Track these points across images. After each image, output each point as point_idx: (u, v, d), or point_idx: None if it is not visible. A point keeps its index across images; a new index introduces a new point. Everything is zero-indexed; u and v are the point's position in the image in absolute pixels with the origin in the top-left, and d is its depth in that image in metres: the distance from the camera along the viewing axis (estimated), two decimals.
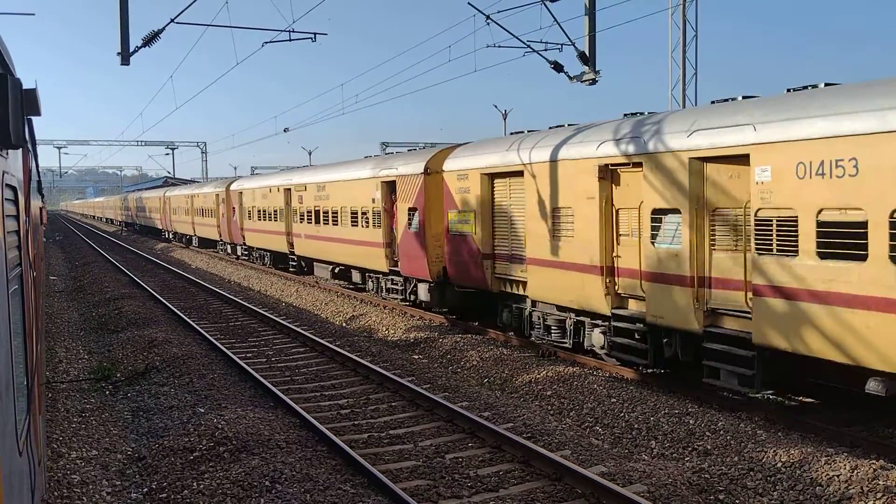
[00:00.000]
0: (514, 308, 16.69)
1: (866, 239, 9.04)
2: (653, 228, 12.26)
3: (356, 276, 25.10)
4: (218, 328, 19.46)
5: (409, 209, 19.83)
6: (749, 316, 10.73)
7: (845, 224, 9.30)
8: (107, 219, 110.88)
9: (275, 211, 32.44)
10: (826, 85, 10.56)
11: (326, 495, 8.14)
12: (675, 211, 11.77)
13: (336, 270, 26.73)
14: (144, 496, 8.76)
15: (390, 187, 21.45)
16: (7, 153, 3.56)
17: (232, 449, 9.63)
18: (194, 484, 8.67)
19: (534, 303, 15.91)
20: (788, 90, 11.08)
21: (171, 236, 58.96)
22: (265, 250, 35.55)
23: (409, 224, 19.82)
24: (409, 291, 20.93)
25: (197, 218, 48.13)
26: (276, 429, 10.44)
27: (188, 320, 20.00)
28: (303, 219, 28.80)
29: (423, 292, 19.84)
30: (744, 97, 11.67)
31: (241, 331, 19.12)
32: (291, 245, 30.99)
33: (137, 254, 45.53)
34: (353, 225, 23.99)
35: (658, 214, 12.15)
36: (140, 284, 28.50)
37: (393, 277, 21.98)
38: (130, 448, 10.55)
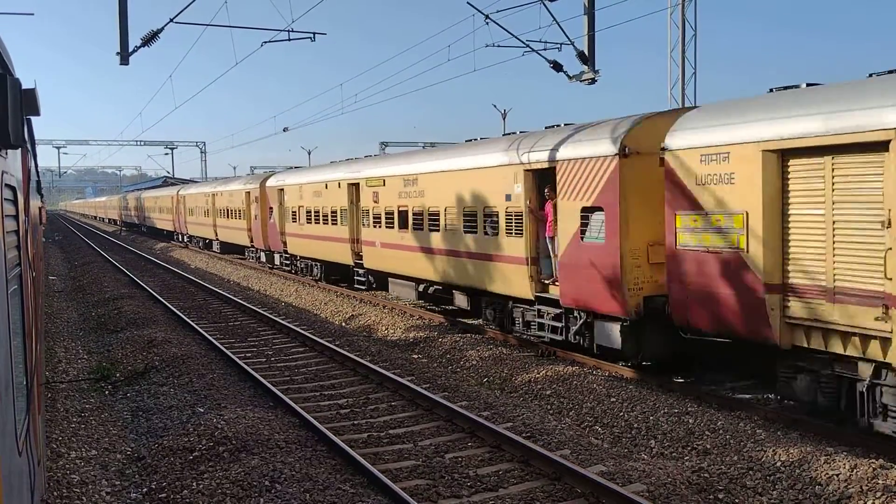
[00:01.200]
0: (836, 381, 10.07)
1: None
2: None
3: (461, 300, 18.81)
4: (217, 328, 19.45)
5: (585, 209, 13.83)
6: None
7: None
8: (109, 219, 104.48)
9: (333, 212, 25.87)
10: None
11: (326, 495, 8.14)
12: None
13: (427, 290, 20.39)
14: (144, 496, 8.76)
15: (541, 177, 15.38)
16: (6, 153, 3.56)
17: (231, 449, 9.63)
18: (194, 484, 8.67)
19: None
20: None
21: (185, 240, 52.52)
22: (315, 260, 28.65)
23: (584, 231, 13.84)
24: (574, 330, 14.56)
25: (220, 220, 42.03)
26: (275, 428, 10.44)
27: (188, 320, 20.00)
28: (377, 222, 22.29)
29: (607, 333, 13.61)
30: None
31: (241, 330, 19.12)
32: (358, 255, 24.37)
33: (137, 254, 45.51)
34: (467, 231, 17.55)
35: None
36: (139, 284, 28.49)
37: (543, 308, 15.46)
38: (130, 448, 10.55)
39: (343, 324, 20.79)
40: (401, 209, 20.89)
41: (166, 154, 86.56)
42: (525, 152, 15.59)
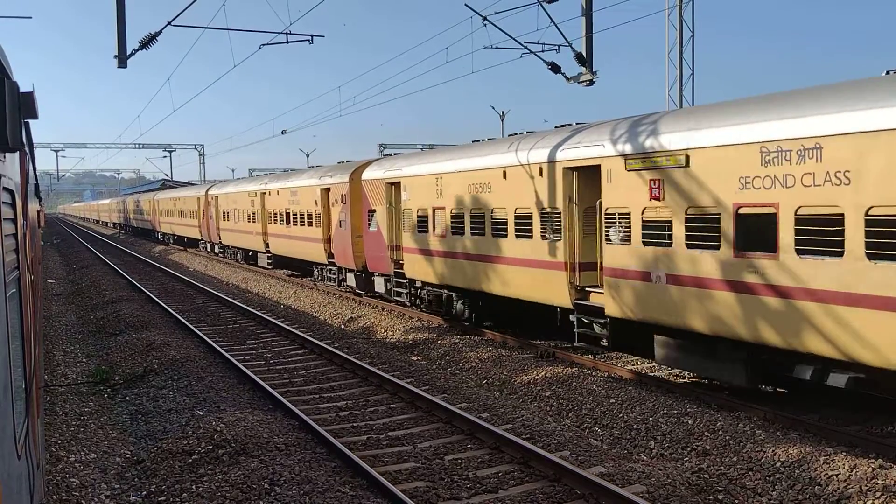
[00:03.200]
0: None
1: None
2: None
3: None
4: (216, 331, 19.44)
5: None
6: None
7: None
8: (113, 223, 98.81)
9: (529, 216, 15.45)
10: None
11: (326, 497, 8.14)
12: None
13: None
14: (143, 499, 8.75)
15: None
16: (4, 156, 3.56)
17: (231, 451, 9.62)
18: (193, 487, 8.66)
19: None
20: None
21: (216, 250, 44.30)
22: (460, 290, 18.55)
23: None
24: None
25: (274, 226, 32.36)
26: (274, 431, 10.43)
27: (186, 323, 19.98)
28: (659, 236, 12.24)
29: None
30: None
31: (240, 333, 19.11)
32: (580, 290, 14.47)
33: (136, 257, 45.47)
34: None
35: None
36: (138, 287, 28.46)
37: None
38: (129, 451, 10.54)
39: (342, 326, 20.78)
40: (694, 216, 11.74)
41: (164, 157, 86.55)
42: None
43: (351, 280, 24.92)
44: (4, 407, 3.07)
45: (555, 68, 17.15)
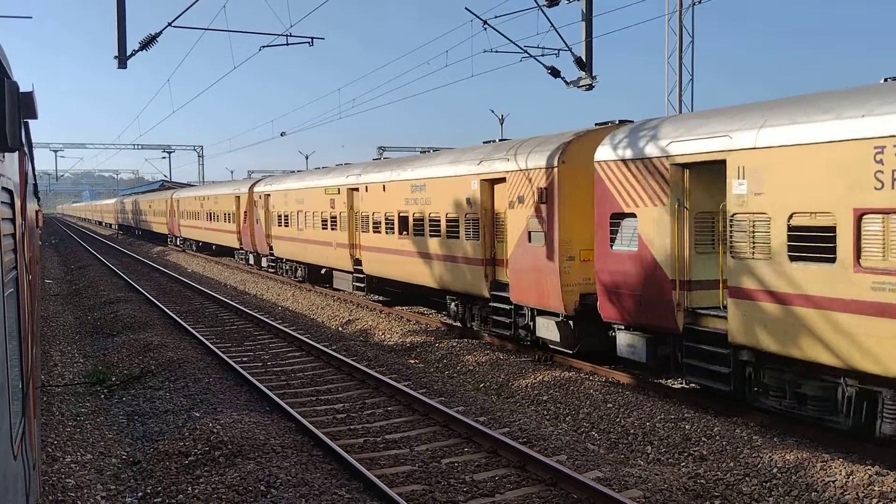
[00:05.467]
0: None
1: None
2: None
3: None
4: (214, 332, 19.42)
5: None
6: None
7: None
8: (118, 225, 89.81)
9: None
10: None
11: (322, 500, 8.13)
12: None
13: None
14: (139, 500, 8.73)
15: None
16: (3, 156, 3.56)
17: (227, 453, 9.61)
18: (189, 488, 8.65)
19: None
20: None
21: (265, 263, 34.80)
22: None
23: None
24: None
25: (368, 237, 22.85)
26: (271, 433, 10.42)
27: (184, 324, 19.97)
28: None
29: None
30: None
31: (237, 335, 19.09)
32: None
33: (133, 257, 45.44)
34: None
35: None
36: (136, 288, 28.44)
37: None
38: (125, 452, 10.52)
39: (340, 328, 20.77)
40: None
41: (163, 158, 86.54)
42: None
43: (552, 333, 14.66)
44: (1, 407, 3.07)
45: (554, 73, 17.17)
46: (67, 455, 10.21)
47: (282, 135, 46.62)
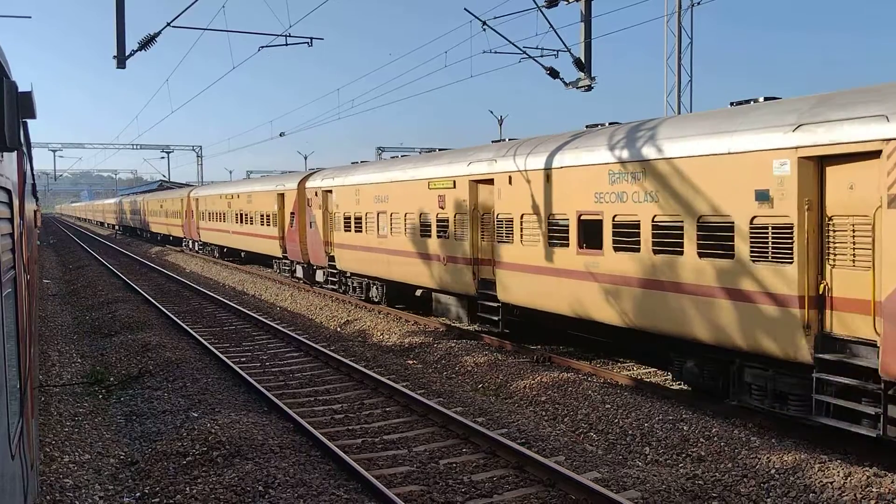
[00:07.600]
0: None
1: None
2: None
3: None
4: (212, 332, 19.41)
5: None
6: None
7: None
8: (122, 227, 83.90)
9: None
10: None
11: (320, 500, 8.12)
12: None
13: None
14: (137, 501, 8.73)
15: None
16: (2, 156, 3.55)
17: (225, 454, 9.61)
18: (187, 489, 8.65)
19: None
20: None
21: (320, 278, 27.41)
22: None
23: None
24: None
25: (511, 250, 16.08)
26: (269, 433, 10.42)
27: (182, 324, 19.95)
28: None
29: None
30: None
31: (236, 335, 19.08)
32: None
33: (132, 257, 45.40)
34: None
35: None
36: (134, 288, 28.42)
37: None
38: (123, 452, 10.51)
39: (338, 329, 20.76)
40: None
41: (162, 158, 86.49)
42: None
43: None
44: None
45: (553, 73, 17.16)
46: (65, 455, 10.20)
47: (281, 135, 46.71)
